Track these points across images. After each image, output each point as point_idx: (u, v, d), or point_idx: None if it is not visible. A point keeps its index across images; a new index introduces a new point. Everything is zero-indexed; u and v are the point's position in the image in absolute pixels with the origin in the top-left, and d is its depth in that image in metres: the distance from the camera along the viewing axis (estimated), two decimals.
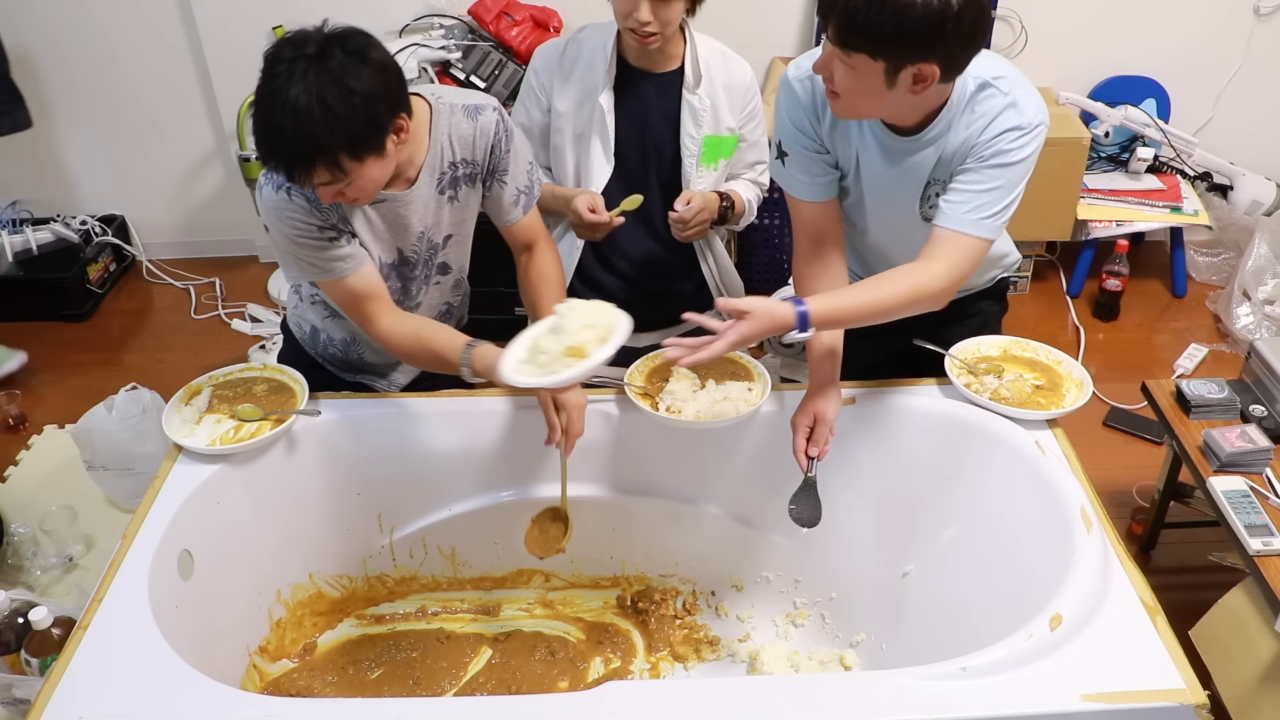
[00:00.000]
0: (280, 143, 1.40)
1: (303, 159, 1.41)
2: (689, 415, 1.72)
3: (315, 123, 1.37)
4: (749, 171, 2.11)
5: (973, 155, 1.53)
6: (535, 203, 1.79)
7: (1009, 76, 1.52)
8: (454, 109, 1.65)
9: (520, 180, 1.74)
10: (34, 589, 2.19)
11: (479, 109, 1.67)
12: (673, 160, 2.00)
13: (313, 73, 1.37)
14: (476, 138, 1.67)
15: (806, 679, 1.67)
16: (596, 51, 1.94)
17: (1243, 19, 3.13)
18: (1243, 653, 1.64)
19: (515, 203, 1.75)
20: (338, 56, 1.39)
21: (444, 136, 1.65)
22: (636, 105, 1.97)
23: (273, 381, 1.79)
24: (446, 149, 1.66)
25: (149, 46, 3.11)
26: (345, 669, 1.86)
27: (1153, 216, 3.09)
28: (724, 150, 2.01)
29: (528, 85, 2.02)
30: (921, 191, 1.63)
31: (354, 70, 1.39)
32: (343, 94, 1.37)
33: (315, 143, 1.39)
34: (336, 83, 1.37)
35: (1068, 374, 1.79)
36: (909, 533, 1.79)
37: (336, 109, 1.37)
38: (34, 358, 2.97)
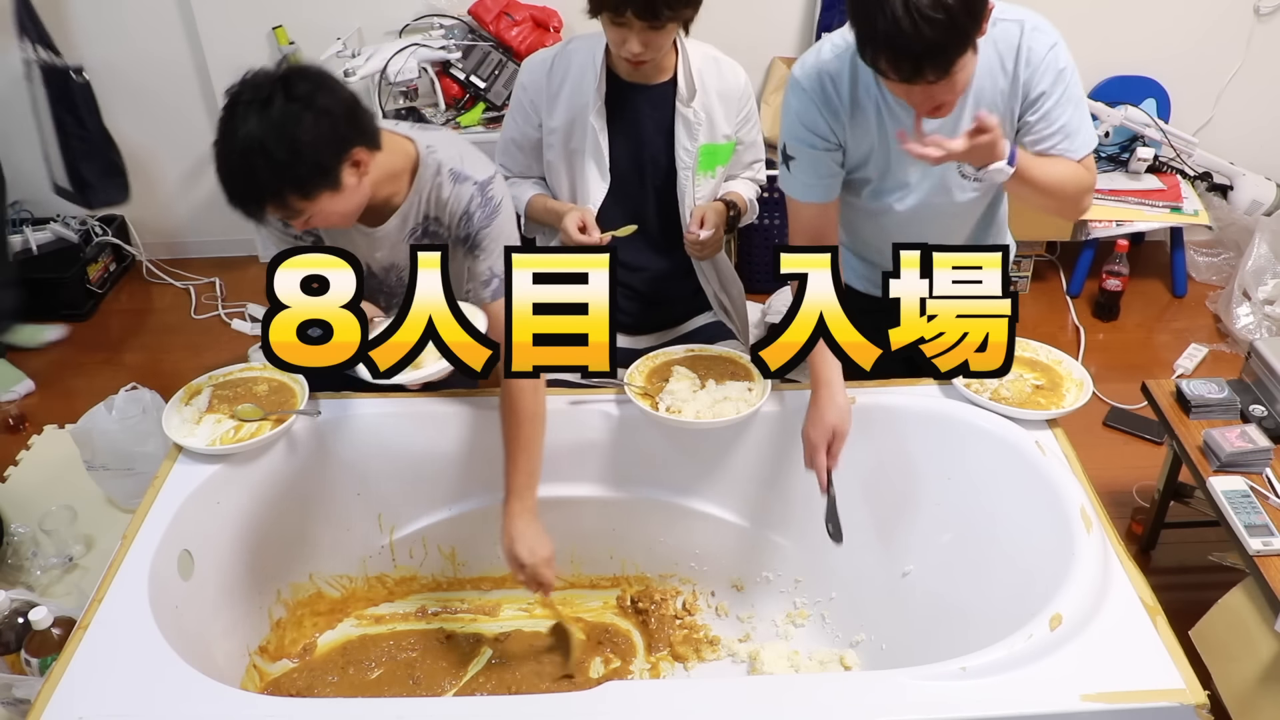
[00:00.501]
0: (231, 184, 1.46)
1: (252, 201, 1.46)
2: (689, 415, 1.72)
3: (258, 169, 1.42)
4: (746, 170, 2.11)
5: (1033, 91, 1.58)
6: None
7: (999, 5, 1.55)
8: (440, 167, 1.65)
9: (498, 263, 1.67)
10: (34, 589, 2.19)
11: (463, 178, 1.65)
12: (669, 171, 1.98)
13: (255, 118, 1.41)
14: (449, 203, 1.66)
15: (806, 679, 1.67)
16: (586, 66, 1.90)
17: (1242, 19, 3.13)
18: (1243, 653, 1.64)
19: (486, 283, 1.68)
20: (278, 104, 1.41)
21: (424, 189, 1.66)
22: (630, 120, 1.94)
23: (273, 381, 1.79)
24: (423, 203, 1.67)
25: (149, 46, 3.11)
26: (345, 669, 1.86)
27: (1153, 216, 3.09)
28: (721, 158, 1.99)
29: (516, 100, 1.98)
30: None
31: (294, 118, 1.42)
32: (283, 141, 1.41)
33: (260, 188, 1.44)
34: (277, 130, 1.41)
35: (1068, 374, 1.79)
36: (909, 533, 1.79)
37: (277, 155, 1.41)
38: (34, 358, 2.98)
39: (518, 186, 2.04)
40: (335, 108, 1.46)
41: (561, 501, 1.87)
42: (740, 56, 2.01)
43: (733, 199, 2.03)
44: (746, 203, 2.06)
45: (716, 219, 1.95)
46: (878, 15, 1.34)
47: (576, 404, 1.81)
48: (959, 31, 1.35)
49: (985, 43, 1.52)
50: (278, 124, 1.41)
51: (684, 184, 1.97)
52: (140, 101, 3.21)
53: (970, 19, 1.36)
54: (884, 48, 1.37)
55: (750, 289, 2.26)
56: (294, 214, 1.48)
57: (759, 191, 2.13)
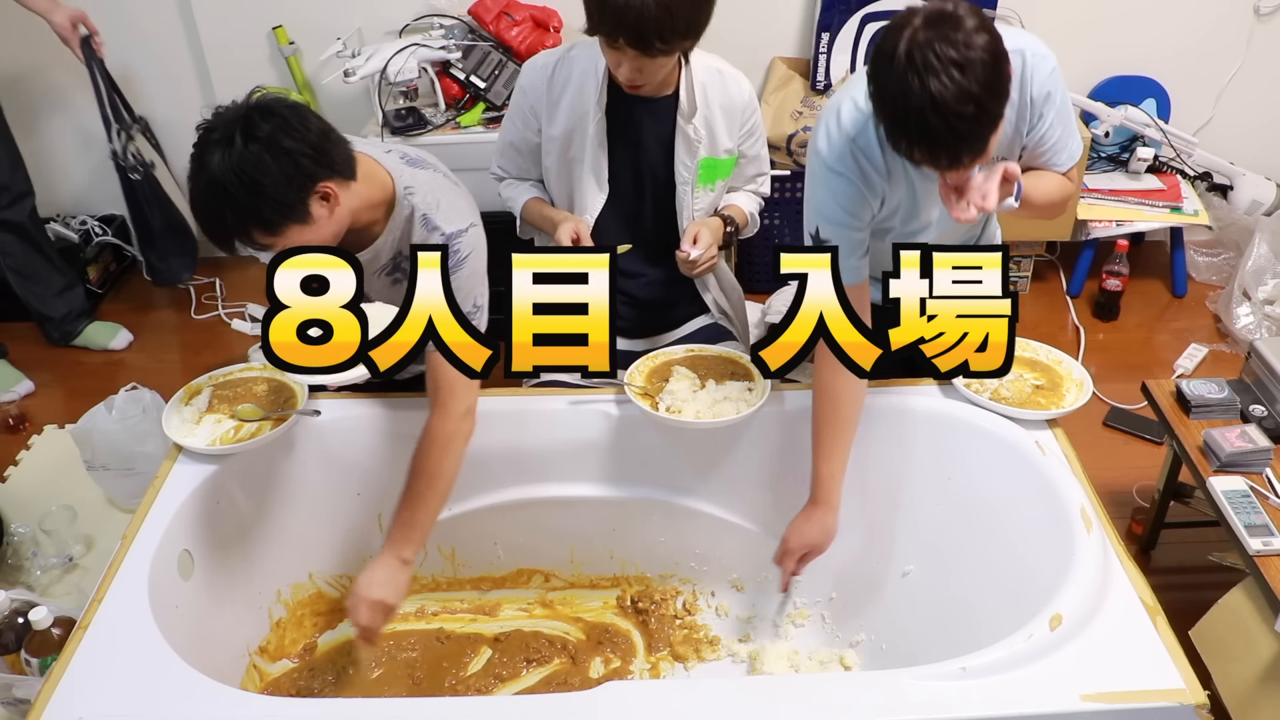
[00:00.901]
0: (200, 220, 1.48)
1: (219, 238, 1.48)
2: (689, 415, 1.72)
3: (222, 208, 1.43)
4: (749, 184, 2.08)
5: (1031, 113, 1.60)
6: None
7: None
8: (414, 211, 1.65)
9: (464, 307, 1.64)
10: (34, 589, 2.19)
11: (433, 228, 1.64)
12: (667, 184, 1.96)
13: (219, 157, 1.42)
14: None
15: (806, 679, 1.67)
16: (588, 75, 1.87)
17: (1242, 19, 3.13)
18: (1243, 653, 1.64)
19: None
20: (238, 146, 1.41)
21: (397, 229, 1.66)
22: (630, 131, 1.92)
23: (273, 381, 1.79)
24: (396, 241, 1.68)
25: (149, 46, 3.10)
26: (345, 669, 1.86)
27: (1153, 216, 3.08)
28: (721, 172, 1.97)
29: (516, 104, 1.96)
30: None
31: (253, 161, 1.42)
32: (243, 183, 1.41)
33: (226, 227, 1.46)
34: (236, 173, 1.41)
35: (1068, 374, 1.79)
36: (909, 533, 1.79)
37: (238, 197, 1.42)
38: (34, 358, 2.98)
39: (515, 188, 2.04)
40: (298, 146, 1.45)
41: (561, 501, 1.87)
42: (740, 56, 1.99)
43: (731, 214, 2.00)
44: (747, 217, 2.04)
45: (711, 236, 1.91)
46: (906, 112, 1.33)
47: (576, 404, 1.81)
48: (989, 116, 1.35)
49: None
50: (237, 167, 1.41)
51: (683, 198, 1.95)
52: (139, 101, 3.21)
53: (998, 101, 1.35)
54: (918, 144, 1.36)
55: (750, 289, 2.25)
56: (263, 248, 1.49)
57: (761, 205, 2.11)
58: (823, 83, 3.06)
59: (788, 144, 3.00)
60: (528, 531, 1.94)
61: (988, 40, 1.33)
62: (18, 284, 2.87)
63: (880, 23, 3.00)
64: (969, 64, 1.30)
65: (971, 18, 1.33)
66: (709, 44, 1.93)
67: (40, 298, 2.92)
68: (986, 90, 1.32)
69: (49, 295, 2.92)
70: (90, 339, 3.03)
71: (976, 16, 1.34)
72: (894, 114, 1.37)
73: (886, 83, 1.35)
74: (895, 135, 1.39)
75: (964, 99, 1.31)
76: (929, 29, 1.32)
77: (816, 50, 3.03)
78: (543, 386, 1.91)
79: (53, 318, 2.96)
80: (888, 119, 1.39)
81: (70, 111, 3.24)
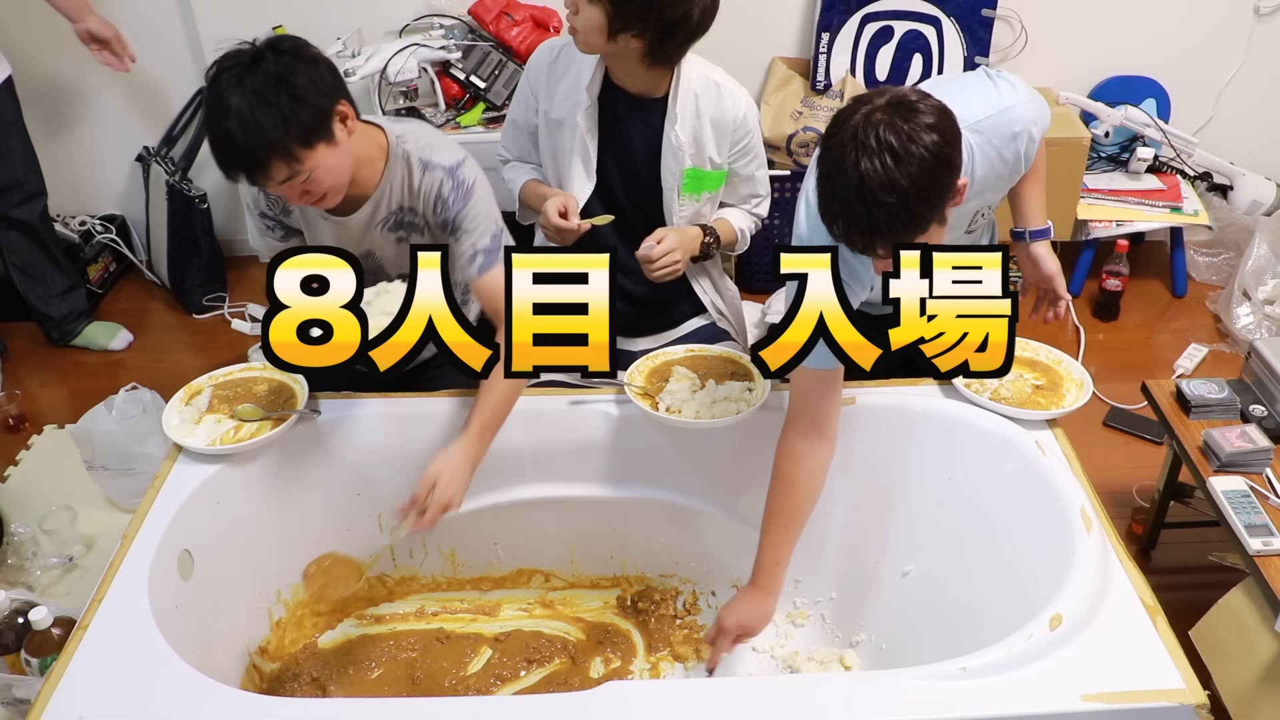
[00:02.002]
0: (233, 147, 1.48)
1: (258, 158, 1.49)
2: (689, 415, 1.72)
3: (261, 120, 1.46)
4: (744, 204, 2.06)
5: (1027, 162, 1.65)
6: (495, 267, 1.71)
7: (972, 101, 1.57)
8: (408, 157, 1.70)
9: (480, 240, 1.70)
10: (34, 589, 2.19)
11: (431, 166, 1.69)
12: (651, 185, 1.96)
13: (249, 78, 1.47)
14: (422, 191, 1.71)
15: (806, 679, 1.67)
16: (585, 63, 1.88)
17: (1243, 19, 3.13)
18: (1243, 653, 1.64)
19: (471, 260, 1.71)
20: (269, 59, 1.48)
21: (394, 179, 1.70)
22: (619, 128, 1.92)
23: (273, 381, 1.79)
24: (395, 192, 1.71)
25: (149, 46, 3.10)
26: (345, 669, 1.86)
27: (1153, 216, 3.08)
28: (708, 184, 1.96)
29: (522, 82, 2.00)
30: (969, 222, 1.76)
31: (288, 67, 1.49)
32: (280, 89, 1.47)
33: (265, 138, 1.47)
34: (274, 82, 1.47)
35: (1068, 374, 1.79)
36: (909, 533, 1.79)
37: (278, 103, 1.46)
38: (35, 358, 2.98)
39: (515, 170, 2.06)
40: (323, 59, 1.55)
41: (561, 501, 1.87)
42: (740, 56, 1.99)
43: (716, 227, 1.99)
44: (735, 232, 2.02)
45: (677, 241, 1.88)
46: (835, 185, 1.32)
47: (576, 404, 1.81)
48: (913, 216, 1.31)
49: (981, 149, 1.57)
50: (275, 76, 1.47)
51: (669, 203, 1.95)
52: (139, 101, 3.21)
53: (927, 205, 1.31)
54: (837, 219, 1.34)
55: (750, 289, 2.25)
56: (295, 171, 1.51)
57: (756, 226, 2.08)
58: (823, 83, 3.06)
59: (788, 144, 3.00)
60: (528, 531, 1.94)
61: (935, 141, 1.29)
62: (21, 282, 2.88)
63: (880, 22, 3.00)
64: (906, 157, 1.28)
65: (931, 115, 1.31)
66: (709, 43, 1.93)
67: (42, 297, 2.92)
68: (914, 187, 1.29)
69: (51, 295, 2.93)
70: (90, 339, 3.03)
71: (938, 115, 1.32)
72: (824, 184, 1.35)
73: (828, 151, 1.34)
74: (823, 204, 1.37)
75: (888, 188, 1.28)
76: (886, 111, 1.30)
77: (816, 50, 3.03)
78: (543, 386, 1.91)
79: (53, 317, 2.96)
80: (820, 187, 1.37)
81: (71, 110, 3.24)
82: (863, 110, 1.31)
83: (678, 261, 1.90)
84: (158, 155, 3.12)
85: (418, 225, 1.75)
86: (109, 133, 3.28)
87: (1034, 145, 1.64)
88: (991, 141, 1.59)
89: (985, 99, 1.60)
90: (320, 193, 1.58)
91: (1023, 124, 1.60)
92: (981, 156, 1.59)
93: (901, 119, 1.29)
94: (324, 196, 1.59)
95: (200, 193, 3.11)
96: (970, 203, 1.67)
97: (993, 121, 1.58)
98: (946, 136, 1.31)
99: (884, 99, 1.32)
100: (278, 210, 1.77)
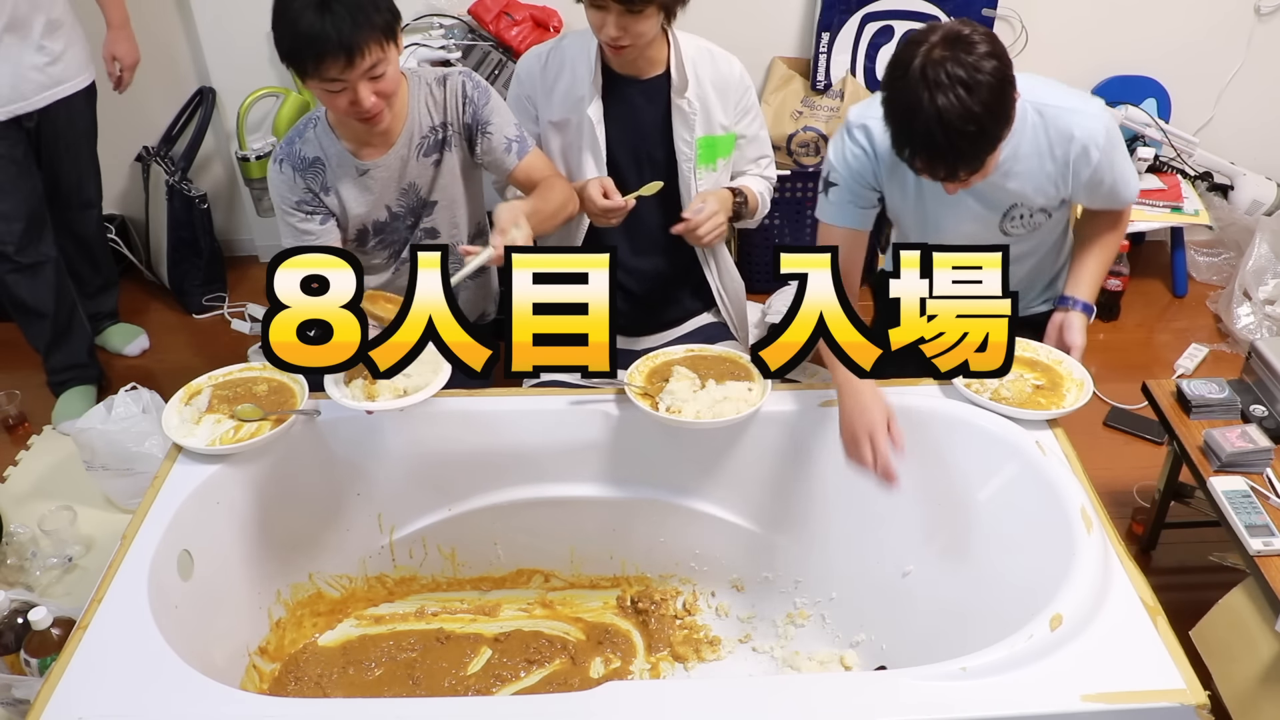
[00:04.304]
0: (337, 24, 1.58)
1: (360, 34, 1.60)
2: (689, 415, 1.72)
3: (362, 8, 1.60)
4: (754, 166, 2.09)
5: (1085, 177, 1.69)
6: (531, 151, 1.88)
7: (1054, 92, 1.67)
8: (425, 80, 1.85)
9: (509, 130, 1.87)
10: (34, 589, 2.19)
11: (446, 77, 1.85)
12: (667, 166, 1.97)
13: None
14: (448, 99, 1.85)
15: (806, 679, 1.67)
16: (579, 60, 1.90)
17: (1243, 18, 3.13)
18: (1243, 653, 1.64)
19: (508, 150, 1.87)
20: None
21: (420, 105, 1.84)
22: (626, 114, 1.94)
23: (273, 381, 1.79)
24: (424, 115, 1.84)
25: (149, 46, 3.10)
26: (345, 669, 1.85)
27: (1153, 216, 3.08)
28: (722, 150, 1.99)
29: (514, 96, 2.00)
30: (1004, 213, 1.78)
31: None
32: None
33: (368, 19, 1.60)
34: None
35: (1068, 374, 1.79)
36: (909, 533, 1.79)
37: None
38: (34, 358, 2.97)
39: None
40: None
41: (561, 501, 1.87)
42: (740, 56, 2.00)
43: (739, 188, 2.02)
44: (757, 196, 2.05)
45: (718, 203, 1.93)
46: (913, 123, 1.43)
47: (576, 404, 1.81)
48: (990, 138, 1.45)
49: (1035, 129, 1.63)
50: None
51: (686, 176, 1.97)
52: (139, 101, 3.20)
53: (1000, 124, 1.45)
54: (920, 153, 1.46)
55: (750, 289, 2.25)
56: (381, 58, 1.65)
57: (770, 187, 2.10)
58: (823, 83, 3.06)
59: (788, 144, 3.00)
60: (528, 531, 1.94)
61: (995, 66, 1.42)
62: None
63: (880, 22, 3.00)
64: (976, 85, 1.40)
65: (985, 43, 1.43)
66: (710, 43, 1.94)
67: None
68: (988, 112, 1.41)
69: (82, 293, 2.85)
70: (106, 341, 3.01)
71: (990, 42, 1.44)
72: (901, 123, 1.46)
73: (898, 93, 1.45)
74: (900, 143, 1.48)
75: (967, 118, 1.40)
76: (944, 48, 1.41)
77: (816, 50, 3.03)
78: (543, 386, 1.91)
79: None
80: (895, 126, 1.47)
81: None
82: (922, 50, 1.42)
83: (722, 222, 1.94)
84: (158, 155, 3.12)
85: (449, 140, 1.87)
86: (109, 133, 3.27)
87: (1088, 164, 1.67)
88: (1047, 130, 1.64)
89: (1061, 91, 1.68)
90: (389, 93, 1.70)
91: (1086, 133, 1.64)
92: (1031, 136, 1.65)
93: (963, 51, 1.41)
94: (388, 103, 1.72)
95: (200, 193, 3.11)
96: (1009, 184, 1.70)
97: (1057, 112, 1.65)
98: (1002, 58, 1.44)
99: (938, 35, 1.43)
100: (318, 188, 1.85)
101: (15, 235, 2.45)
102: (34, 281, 2.55)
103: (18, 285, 2.54)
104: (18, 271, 2.52)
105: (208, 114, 3.13)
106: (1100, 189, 1.74)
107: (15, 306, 2.61)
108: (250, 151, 3.00)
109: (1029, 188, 1.72)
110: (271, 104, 3.05)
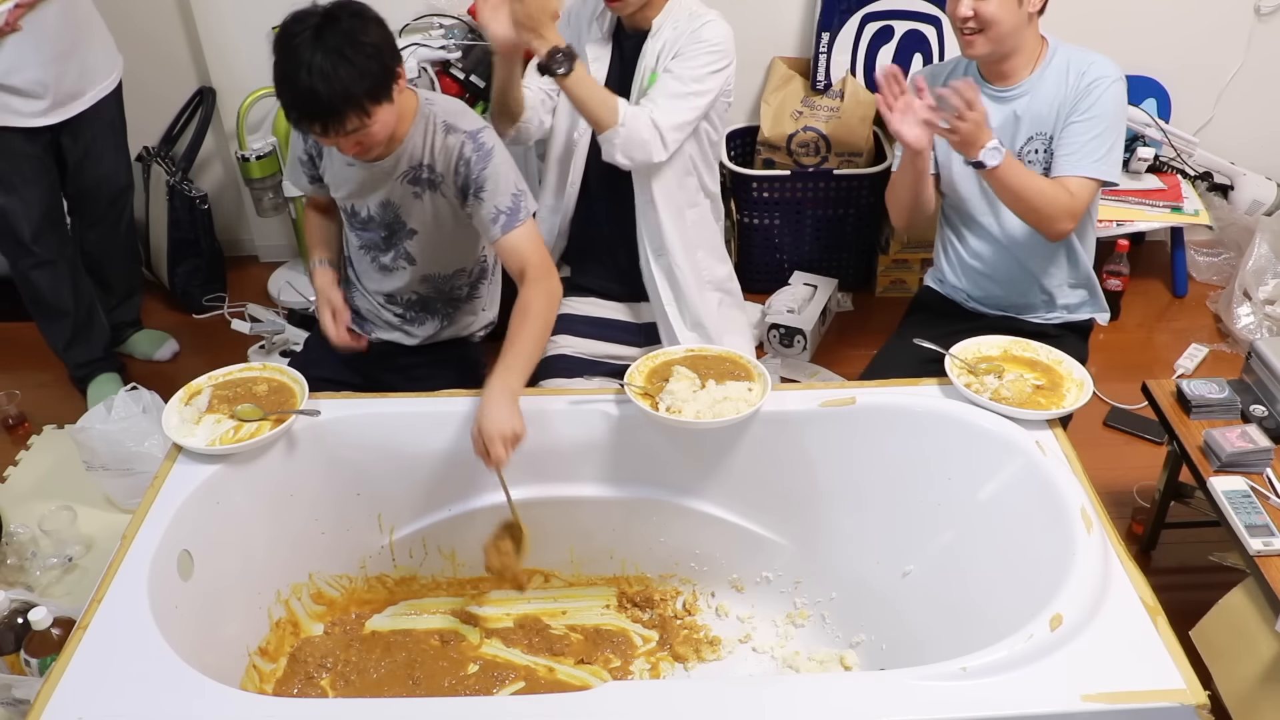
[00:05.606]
0: (314, 103, 1.58)
1: (336, 113, 1.59)
2: (689, 415, 1.72)
3: (343, 77, 1.57)
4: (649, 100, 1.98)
5: (1074, 111, 1.87)
6: (522, 226, 1.78)
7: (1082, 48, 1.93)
8: (434, 119, 1.81)
9: (501, 200, 1.78)
10: (34, 589, 2.19)
11: (452, 129, 1.80)
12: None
13: (327, 35, 1.57)
14: (442, 154, 1.80)
15: (806, 679, 1.67)
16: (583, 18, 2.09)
17: (1243, 19, 3.13)
18: (1243, 653, 1.64)
19: (494, 220, 1.78)
20: (344, 19, 1.60)
21: (418, 137, 1.80)
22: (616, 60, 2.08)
23: (273, 381, 1.79)
24: (420, 150, 1.80)
25: (149, 46, 3.10)
26: (345, 669, 1.85)
27: (1153, 216, 3.08)
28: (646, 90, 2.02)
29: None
30: (1019, 148, 1.92)
31: (360, 27, 1.60)
32: (358, 48, 1.58)
33: (347, 93, 1.58)
34: (351, 41, 1.58)
35: (1068, 374, 1.79)
36: (909, 533, 1.79)
37: (355, 60, 1.57)
38: (34, 358, 2.97)
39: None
40: (382, 20, 1.67)
41: (561, 501, 1.87)
42: (740, 56, 2.00)
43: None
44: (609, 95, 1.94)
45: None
46: None
47: (576, 404, 1.81)
48: None
49: (1061, 57, 1.91)
50: (350, 34, 1.58)
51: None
52: (139, 101, 3.20)
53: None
54: None
55: (750, 289, 2.25)
56: (364, 123, 1.62)
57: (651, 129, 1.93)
58: (823, 82, 3.06)
59: (788, 144, 3.00)
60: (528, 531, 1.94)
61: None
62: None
63: (880, 22, 3.00)
64: None
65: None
66: None
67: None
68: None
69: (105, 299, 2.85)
70: (133, 348, 2.99)
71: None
72: None
73: None
74: None
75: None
76: None
77: (816, 50, 3.03)
78: (543, 387, 1.92)
79: None
80: None
81: None
82: None
83: None
84: (158, 155, 3.12)
85: (435, 184, 1.83)
86: None
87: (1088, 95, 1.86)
88: (1070, 62, 1.90)
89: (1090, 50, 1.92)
90: (372, 144, 1.69)
91: (1101, 70, 1.87)
92: (1058, 64, 1.90)
93: None
94: (372, 148, 1.70)
95: (200, 193, 3.11)
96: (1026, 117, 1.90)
97: (1084, 54, 1.91)
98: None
99: None
100: (315, 153, 1.91)
101: (34, 221, 2.46)
102: (54, 277, 2.56)
103: (39, 280, 2.55)
104: (38, 267, 2.53)
105: (208, 114, 3.13)
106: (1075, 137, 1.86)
107: (35, 303, 2.62)
108: (250, 152, 3.00)
109: (1045, 122, 1.89)
110: (271, 104, 3.05)
